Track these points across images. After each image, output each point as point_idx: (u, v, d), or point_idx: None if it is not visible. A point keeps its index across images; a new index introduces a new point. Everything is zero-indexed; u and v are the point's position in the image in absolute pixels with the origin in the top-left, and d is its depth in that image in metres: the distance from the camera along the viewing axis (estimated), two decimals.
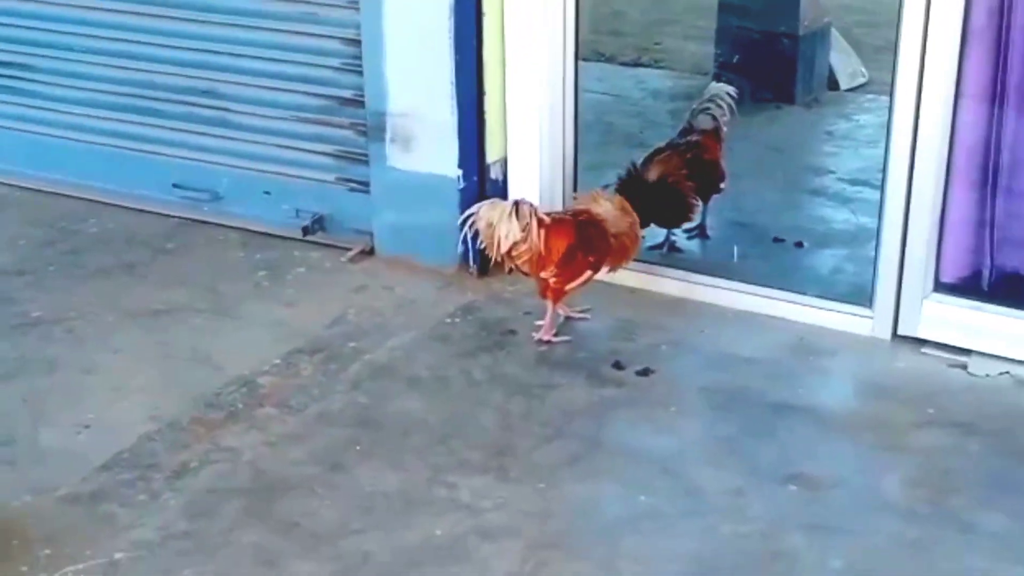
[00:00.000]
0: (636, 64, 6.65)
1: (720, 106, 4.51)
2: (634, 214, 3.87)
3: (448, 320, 3.96)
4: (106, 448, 3.31)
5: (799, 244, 4.43)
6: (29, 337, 3.88)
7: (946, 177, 3.62)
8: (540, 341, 3.80)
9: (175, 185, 4.69)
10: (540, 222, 3.67)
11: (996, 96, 3.55)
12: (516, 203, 3.68)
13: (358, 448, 3.31)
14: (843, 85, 6.10)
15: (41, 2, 4.75)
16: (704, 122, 4.46)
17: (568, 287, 3.78)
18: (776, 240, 4.47)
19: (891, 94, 3.61)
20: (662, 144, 4.41)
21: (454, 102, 4.08)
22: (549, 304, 3.79)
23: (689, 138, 4.41)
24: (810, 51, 5.87)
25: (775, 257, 4.37)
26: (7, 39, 4.87)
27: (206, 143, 4.61)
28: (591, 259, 3.78)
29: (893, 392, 3.54)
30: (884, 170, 3.69)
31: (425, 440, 3.34)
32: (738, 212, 4.70)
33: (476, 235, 3.72)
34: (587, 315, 3.91)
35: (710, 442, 3.34)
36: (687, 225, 4.35)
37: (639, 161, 4.16)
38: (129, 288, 4.20)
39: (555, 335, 3.81)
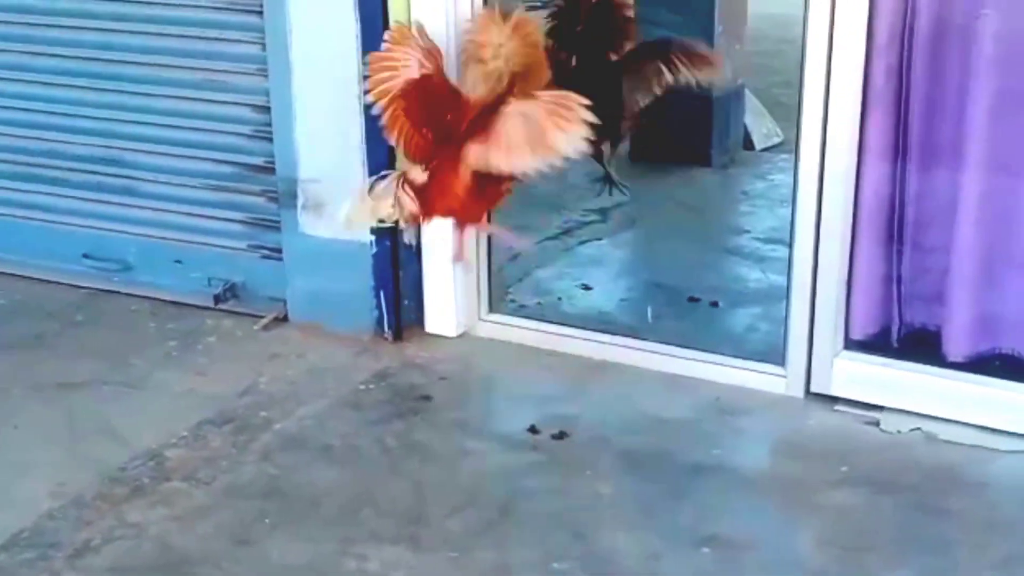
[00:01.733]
0: None
1: None
2: (533, 30, 3.62)
3: (362, 387, 3.91)
4: (4, 528, 3.20)
5: (714, 304, 4.44)
6: None
7: (852, 235, 3.65)
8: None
9: (85, 255, 4.62)
10: (412, 185, 3.50)
11: (899, 153, 3.59)
12: (372, 182, 3.59)
13: (267, 521, 3.25)
14: (758, 145, 6.16)
15: None
16: None
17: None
18: (691, 300, 4.47)
19: (795, 154, 3.64)
20: None
21: (364, 167, 4.05)
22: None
23: None
24: (724, 112, 5.92)
25: (691, 317, 4.37)
26: None
27: (114, 212, 4.55)
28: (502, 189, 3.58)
29: (807, 450, 3.54)
30: (791, 230, 3.71)
31: (335, 511, 3.29)
32: (654, 272, 4.72)
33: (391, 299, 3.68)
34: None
35: (626, 506, 3.31)
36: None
37: None
38: (37, 361, 4.11)
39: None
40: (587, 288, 4.56)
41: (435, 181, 3.56)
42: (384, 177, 3.62)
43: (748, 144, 6.17)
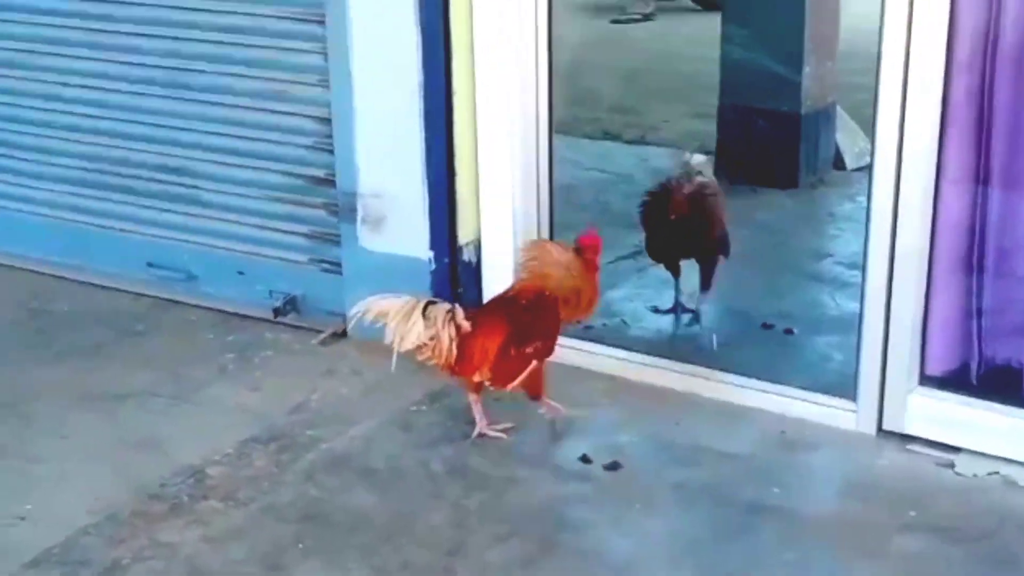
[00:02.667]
0: (641, 142, 6.52)
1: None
2: (591, 257, 3.56)
3: (414, 408, 3.80)
4: (38, 542, 3.15)
5: (789, 331, 4.24)
6: None
7: (929, 264, 3.44)
8: (480, 435, 3.58)
9: (149, 264, 4.58)
10: (459, 329, 3.42)
11: (979, 178, 3.38)
12: (429, 302, 3.46)
13: (301, 546, 3.14)
14: (849, 165, 5.93)
15: (19, 79, 4.69)
16: (708, 173, 4.31)
17: (512, 386, 3.56)
18: (765, 326, 4.28)
19: (869, 177, 3.45)
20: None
21: (424, 183, 3.95)
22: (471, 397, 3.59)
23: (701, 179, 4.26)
24: (814, 131, 5.71)
25: (762, 344, 4.18)
26: None
27: (179, 221, 4.51)
28: (529, 350, 3.51)
29: (874, 492, 3.34)
30: (864, 257, 3.51)
31: (372, 538, 3.17)
32: (728, 297, 4.52)
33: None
34: (506, 434, 3.60)
35: (674, 545, 3.14)
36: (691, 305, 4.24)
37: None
38: (92, 371, 4.07)
39: (502, 429, 3.59)
40: (657, 311, 4.40)
41: (473, 335, 3.45)
42: (437, 303, 3.47)
43: (839, 164, 5.94)
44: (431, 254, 4.01)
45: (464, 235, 4.06)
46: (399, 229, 4.04)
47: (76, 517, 3.25)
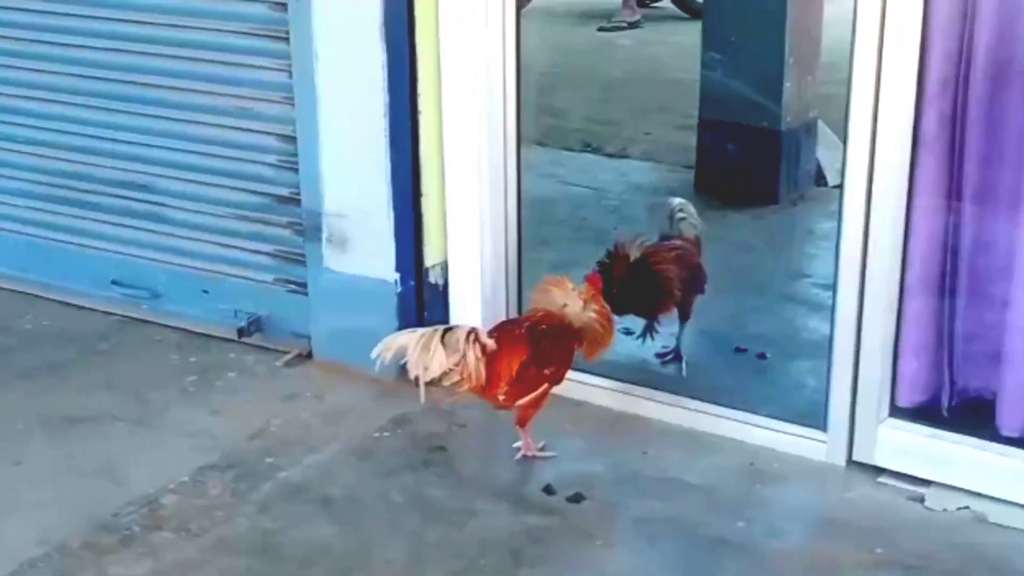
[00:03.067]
0: (622, 156, 6.44)
1: (694, 215, 4.28)
2: (603, 303, 3.58)
3: (376, 434, 3.73)
4: None
5: (762, 355, 4.17)
6: None
7: (900, 291, 3.37)
8: (524, 457, 3.55)
9: (114, 282, 4.51)
10: (484, 348, 3.40)
11: (952, 203, 3.31)
12: (447, 329, 3.42)
13: None
14: (831, 181, 5.84)
15: None
16: (687, 229, 4.21)
17: (520, 403, 3.51)
18: (738, 350, 4.21)
19: (839, 202, 3.38)
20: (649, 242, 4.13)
21: (390, 203, 3.88)
22: (517, 428, 3.56)
23: (675, 242, 4.16)
24: (795, 147, 5.64)
25: (734, 369, 4.11)
26: None
27: (144, 238, 4.43)
28: (547, 372, 3.51)
29: (841, 527, 3.26)
30: (834, 282, 3.45)
31: (326, 572, 3.10)
32: (702, 318, 4.41)
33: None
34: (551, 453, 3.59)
35: None
36: (660, 349, 4.12)
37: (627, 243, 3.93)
38: (51, 393, 3.99)
39: (540, 448, 3.56)
40: (628, 333, 4.30)
41: (498, 353, 3.42)
42: (455, 328, 3.43)
43: (821, 180, 5.86)
44: (397, 276, 3.94)
45: (431, 257, 3.98)
46: (365, 250, 3.97)
47: (24, 549, 3.18)
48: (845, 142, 3.34)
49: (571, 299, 3.51)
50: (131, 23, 4.22)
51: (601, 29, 9.40)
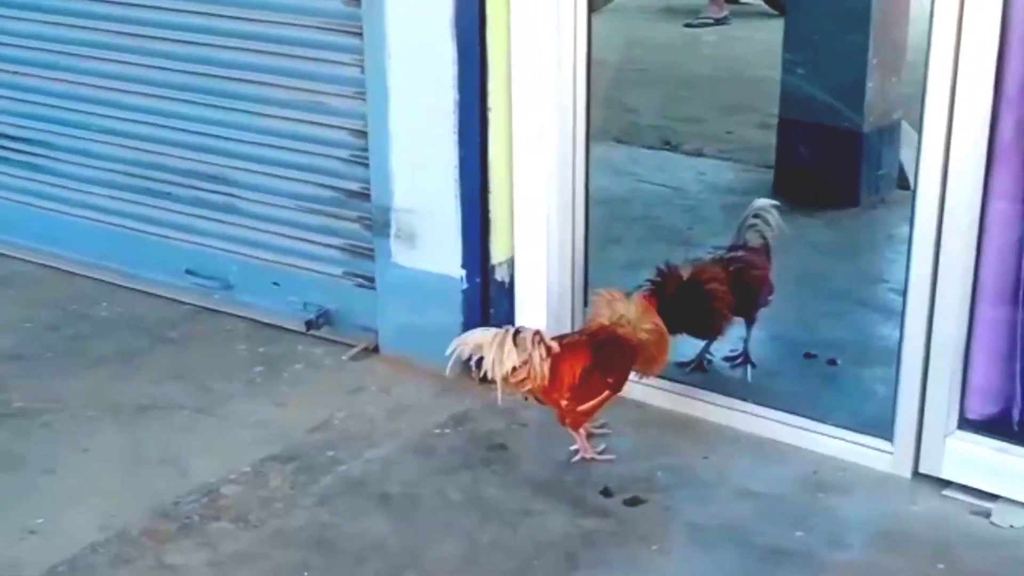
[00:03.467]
0: (700, 154, 6.38)
1: (768, 223, 4.21)
2: (658, 319, 3.59)
3: (437, 431, 3.73)
4: (45, 558, 3.13)
5: (832, 362, 4.10)
6: (3, 429, 3.75)
7: (972, 301, 3.29)
8: (583, 459, 3.54)
9: (188, 271, 4.56)
10: (548, 350, 3.41)
11: None
12: (516, 330, 3.43)
13: (306, 574, 3.09)
14: (914, 184, 5.72)
15: (64, 81, 4.69)
16: (753, 238, 4.15)
17: (581, 408, 3.51)
18: (807, 356, 4.14)
19: (911, 209, 3.31)
20: (707, 258, 4.11)
21: (457, 200, 3.88)
22: (572, 431, 3.55)
23: (735, 254, 4.11)
24: (877, 149, 5.54)
25: (803, 376, 4.05)
26: (31, 116, 4.83)
27: (217, 229, 4.48)
28: (610, 380, 3.51)
29: (903, 540, 3.20)
30: (904, 291, 3.38)
31: (379, 568, 3.11)
32: (774, 322, 4.36)
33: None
34: (611, 456, 3.58)
35: None
36: (728, 352, 4.06)
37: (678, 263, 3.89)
38: (121, 380, 4.05)
39: (599, 452, 3.55)
40: (682, 365, 4.24)
41: (562, 356, 3.43)
42: (523, 329, 3.44)
43: (903, 183, 5.74)
44: (463, 272, 3.93)
45: (497, 254, 3.97)
46: (432, 246, 3.97)
47: (86, 534, 3.23)
48: (919, 145, 3.27)
49: (625, 313, 3.51)
50: (210, 16, 4.27)
51: (687, 25, 9.32)
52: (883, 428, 3.50)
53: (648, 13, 9.99)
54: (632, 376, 3.58)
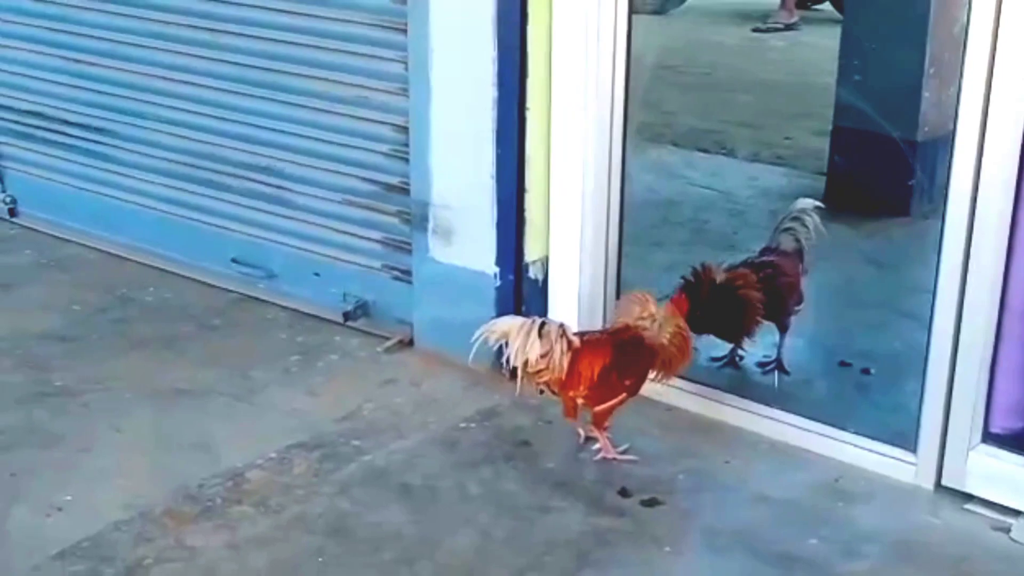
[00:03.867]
0: (756, 159, 6.36)
1: (805, 225, 4.18)
2: (683, 323, 3.60)
3: (463, 424, 3.77)
4: (70, 534, 3.21)
5: (866, 371, 4.08)
6: (43, 408, 3.84)
7: (1000, 313, 3.26)
8: (604, 459, 3.56)
9: (233, 260, 4.64)
10: (570, 344, 3.44)
11: None
12: (543, 322, 3.46)
13: (321, 560, 3.14)
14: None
15: (123, 70, 4.80)
16: (786, 243, 4.14)
17: (598, 408, 3.54)
18: (842, 364, 4.12)
19: (942, 220, 3.29)
20: (737, 262, 4.11)
21: (493, 197, 3.91)
22: (594, 430, 3.58)
23: (766, 258, 4.10)
24: (930, 158, 5.46)
25: (835, 384, 4.03)
26: (91, 104, 4.94)
27: (263, 220, 4.56)
28: (627, 382, 3.53)
29: (919, 552, 3.18)
30: (932, 301, 3.35)
31: (392, 558, 3.14)
32: (813, 330, 4.34)
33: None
34: (633, 457, 3.58)
35: None
36: (761, 358, 4.06)
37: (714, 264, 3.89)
38: (162, 364, 4.14)
39: (622, 452, 3.57)
40: (714, 360, 4.23)
41: (582, 353, 3.46)
42: (548, 322, 3.48)
43: None
44: (497, 269, 3.97)
45: (532, 252, 4.00)
46: (467, 242, 4.01)
47: (111, 512, 3.30)
48: (951, 153, 3.25)
49: (651, 317, 3.52)
50: (262, 9, 4.34)
51: (756, 30, 9.29)
52: (909, 439, 3.48)
53: (718, 17, 9.98)
54: (649, 377, 3.58)
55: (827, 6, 9.57)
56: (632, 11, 3.78)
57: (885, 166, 5.45)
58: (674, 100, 7.34)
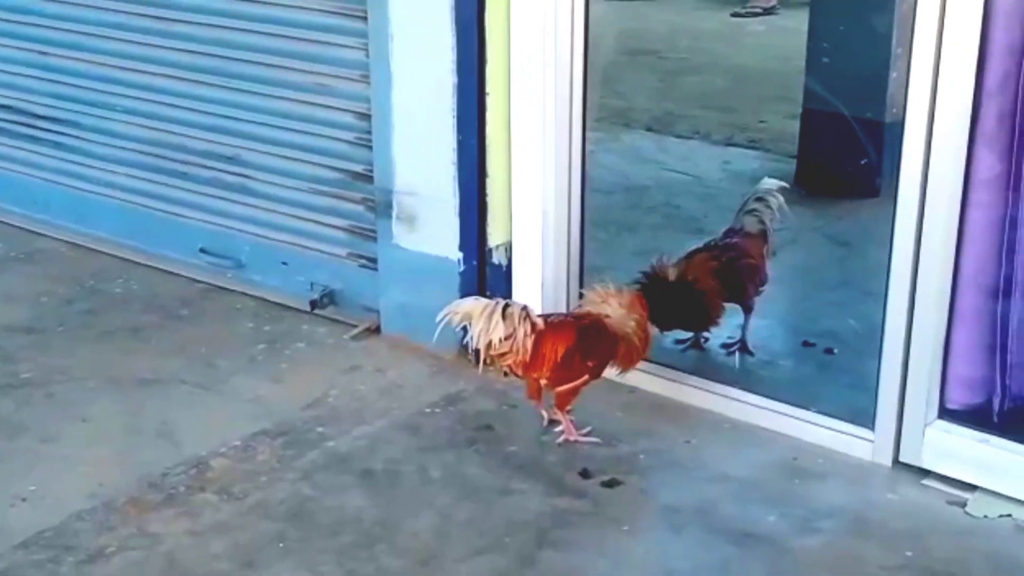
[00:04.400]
0: (729, 143, 6.37)
1: (769, 207, 4.19)
2: (643, 314, 3.63)
3: (427, 410, 3.78)
4: (33, 524, 3.23)
5: (829, 351, 4.10)
6: (9, 399, 3.86)
7: (952, 291, 3.28)
8: (567, 441, 3.58)
9: (202, 250, 4.65)
10: (533, 326, 3.46)
11: (1009, 204, 3.21)
12: (506, 304, 3.48)
13: (281, 545, 3.16)
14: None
15: (89, 62, 4.80)
16: (750, 224, 4.15)
17: (561, 390, 3.56)
18: (806, 344, 4.15)
19: (894, 201, 3.31)
20: (700, 245, 4.13)
21: (455, 183, 3.92)
22: (557, 412, 3.60)
23: (728, 240, 4.12)
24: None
25: (798, 364, 4.06)
26: (59, 96, 4.94)
27: (230, 209, 4.57)
28: (590, 363, 3.55)
29: (875, 527, 3.20)
30: (886, 281, 3.37)
31: (352, 541, 3.17)
32: (778, 310, 4.37)
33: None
34: (595, 439, 3.60)
35: (652, 570, 3.06)
36: (726, 339, 4.08)
37: (666, 260, 3.92)
38: (128, 354, 4.15)
39: (584, 434, 3.59)
40: (678, 343, 4.25)
41: (545, 335, 3.47)
42: (512, 304, 3.50)
43: None
44: (460, 255, 3.98)
45: (495, 237, 4.01)
46: (431, 228, 4.03)
47: (75, 501, 3.32)
48: (901, 134, 3.27)
49: (614, 306, 3.55)
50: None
51: (735, 15, 9.28)
52: (869, 417, 3.50)
53: (698, 1, 9.97)
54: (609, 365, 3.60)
55: None
56: None
57: (854, 148, 5.47)
58: (651, 85, 7.36)
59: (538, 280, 3.96)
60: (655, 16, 9.42)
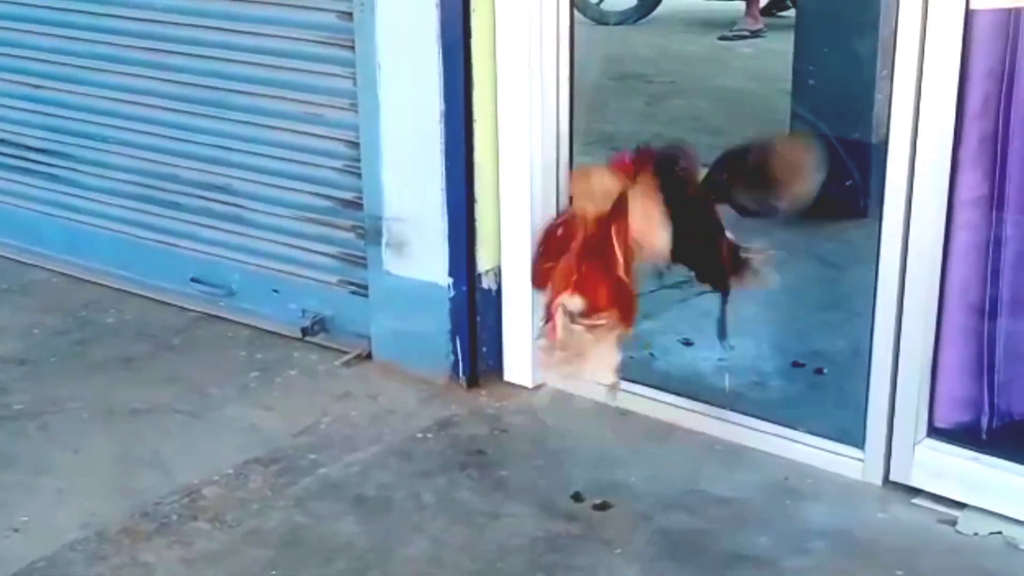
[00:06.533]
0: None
1: None
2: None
3: (419, 435, 3.80)
4: (25, 555, 3.23)
5: (819, 371, 4.12)
6: (1, 431, 3.86)
7: (939, 309, 3.31)
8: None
9: (193, 279, 4.67)
10: (571, 317, 3.29)
11: (993, 223, 3.24)
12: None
13: (274, 572, 3.16)
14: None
15: (81, 94, 4.82)
16: None
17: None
18: (795, 365, 4.17)
19: (879, 217, 3.33)
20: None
21: (444, 209, 3.94)
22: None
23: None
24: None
25: (787, 384, 4.07)
26: (52, 128, 4.96)
27: (222, 238, 4.59)
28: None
29: (866, 547, 3.21)
30: (873, 300, 3.39)
31: (344, 568, 3.18)
32: (768, 331, 4.39)
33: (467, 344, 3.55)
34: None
35: None
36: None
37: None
38: (120, 385, 4.16)
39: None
40: (688, 344, 4.31)
41: (588, 280, 3.30)
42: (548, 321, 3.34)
43: None
44: (450, 280, 4.00)
45: (484, 262, 4.03)
46: (420, 254, 4.05)
47: (68, 532, 3.32)
48: (885, 154, 3.30)
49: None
50: (212, 30, 4.37)
51: (723, 38, 9.35)
52: (858, 436, 3.52)
53: (685, 25, 10.05)
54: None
55: (792, 12, 9.62)
56: (574, 20, 3.84)
57: (841, 168, 5.49)
58: (638, 109, 7.41)
59: (528, 304, 3.98)
60: (641, 40, 9.50)
